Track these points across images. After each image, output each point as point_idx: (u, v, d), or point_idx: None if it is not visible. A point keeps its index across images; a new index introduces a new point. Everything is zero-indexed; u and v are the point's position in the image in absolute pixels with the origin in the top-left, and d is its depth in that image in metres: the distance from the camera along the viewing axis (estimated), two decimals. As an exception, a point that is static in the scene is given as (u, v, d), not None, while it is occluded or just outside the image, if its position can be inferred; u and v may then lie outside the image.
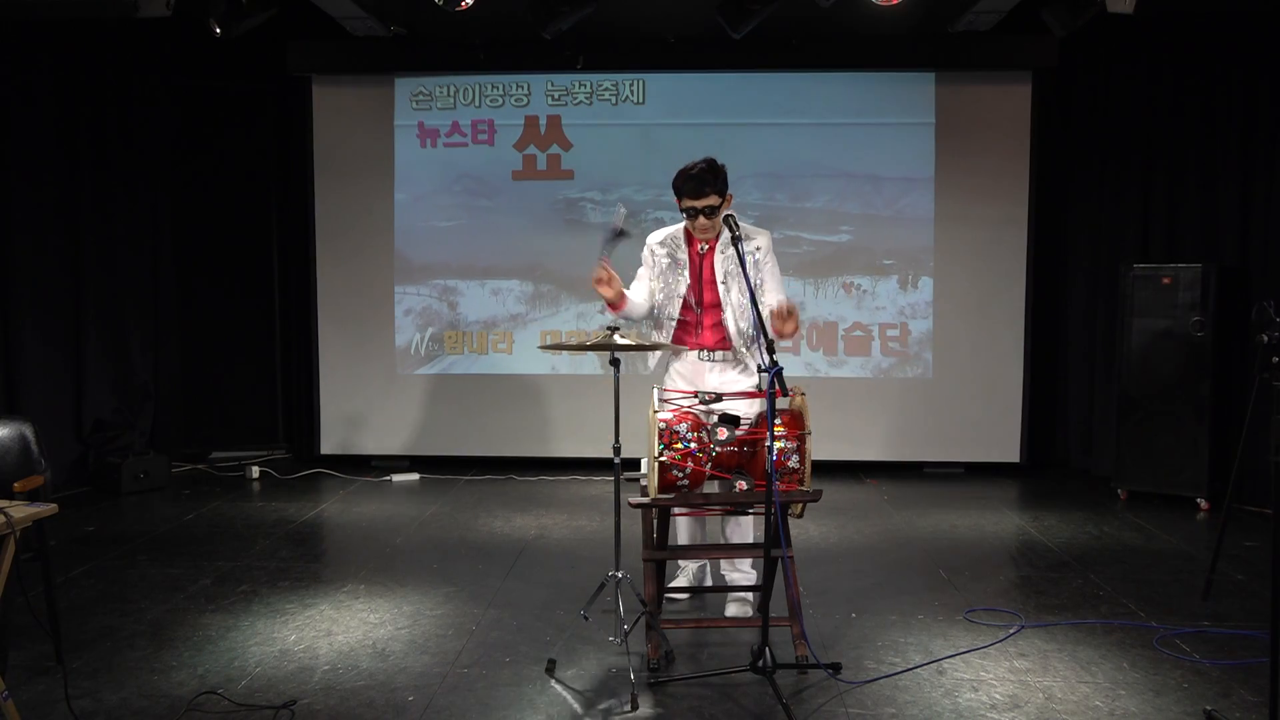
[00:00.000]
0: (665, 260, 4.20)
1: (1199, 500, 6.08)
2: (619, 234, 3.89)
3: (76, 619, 4.14)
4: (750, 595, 4.26)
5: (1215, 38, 6.41)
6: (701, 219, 4.06)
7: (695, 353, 4.19)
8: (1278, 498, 3.06)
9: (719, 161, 4.06)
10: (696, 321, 4.18)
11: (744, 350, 4.16)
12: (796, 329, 3.94)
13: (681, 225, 4.20)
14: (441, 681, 3.57)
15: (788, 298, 4.03)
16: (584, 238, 7.04)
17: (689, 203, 4.05)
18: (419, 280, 7.29)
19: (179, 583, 4.66)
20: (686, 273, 4.17)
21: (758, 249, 4.11)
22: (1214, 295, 6.00)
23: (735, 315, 4.12)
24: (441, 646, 3.90)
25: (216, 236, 7.57)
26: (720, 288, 4.13)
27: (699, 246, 4.17)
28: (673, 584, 4.41)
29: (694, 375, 4.19)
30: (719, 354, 4.17)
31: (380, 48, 7.03)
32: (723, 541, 4.36)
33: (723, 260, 4.12)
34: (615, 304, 4.09)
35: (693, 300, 4.17)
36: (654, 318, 4.29)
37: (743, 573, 4.33)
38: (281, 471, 7.14)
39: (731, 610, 4.25)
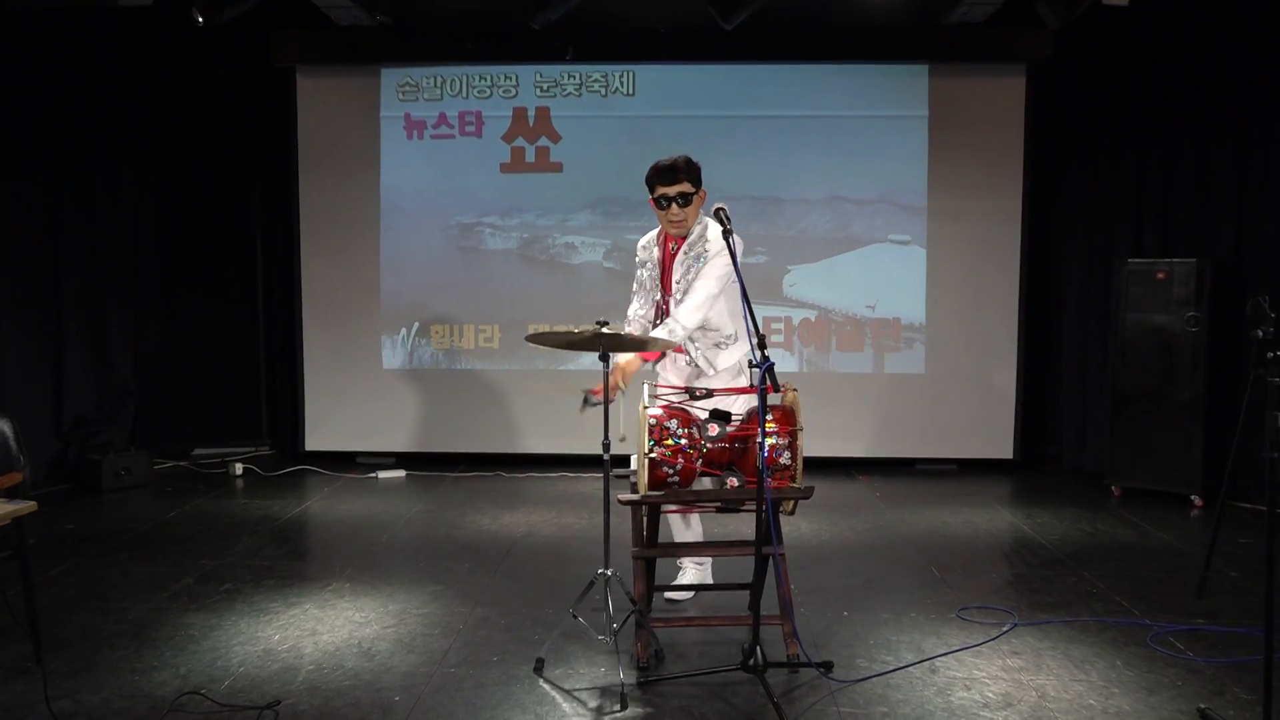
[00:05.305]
0: (647, 263, 4.22)
1: (1193, 497, 6.06)
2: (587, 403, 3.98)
3: (56, 618, 4.07)
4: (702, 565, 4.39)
5: (1210, 30, 6.38)
6: (674, 207, 4.00)
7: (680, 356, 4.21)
8: (1272, 494, 3.05)
9: (695, 160, 4.07)
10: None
11: (696, 355, 4.12)
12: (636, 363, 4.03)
13: (659, 228, 4.18)
14: (428, 681, 3.53)
15: (689, 320, 3.93)
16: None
17: (661, 189, 4.00)
18: (404, 274, 7.21)
19: (161, 581, 4.60)
20: (659, 274, 4.17)
21: (706, 250, 4.03)
22: (1208, 290, 5.98)
23: None
24: (428, 646, 3.86)
25: (199, 230, 7.47)
26: (676, 288, 4.09)
27: (670, 247, 4.13)
28: (678, 582, 4.40)
29: (678, 377, 4.22)
30: (683, 357, 4.18)
31: (366, 37, 6.96)
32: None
33: (683, 260, 4.08)
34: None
35: (661, 302, 4.17)
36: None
37: (698, 568, 4.41)
38: (265, 468, 7.07)
39: (689, 576, 4.34)
